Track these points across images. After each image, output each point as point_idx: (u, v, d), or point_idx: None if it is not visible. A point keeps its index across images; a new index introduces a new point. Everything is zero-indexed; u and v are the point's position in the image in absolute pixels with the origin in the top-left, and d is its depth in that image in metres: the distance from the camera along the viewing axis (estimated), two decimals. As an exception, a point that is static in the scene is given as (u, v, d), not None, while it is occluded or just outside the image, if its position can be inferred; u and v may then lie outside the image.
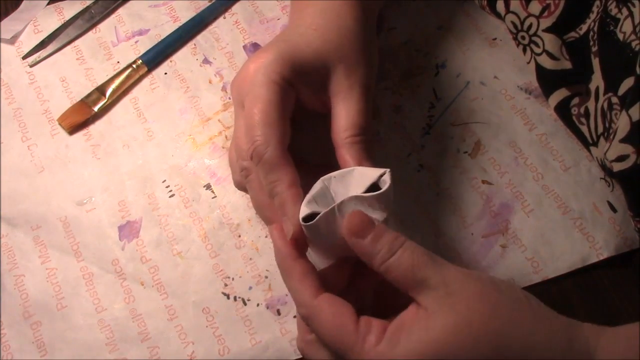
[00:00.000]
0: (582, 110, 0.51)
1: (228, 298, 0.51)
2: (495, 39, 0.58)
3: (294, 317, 0.50)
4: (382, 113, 0.56)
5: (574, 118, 0.52)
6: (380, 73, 0.58)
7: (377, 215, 0.40)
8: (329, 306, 0.39)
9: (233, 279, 0.51)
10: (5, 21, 0.61)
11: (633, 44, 0.43)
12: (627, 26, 0.44)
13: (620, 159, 0.44)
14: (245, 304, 0.50)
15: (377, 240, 0.39)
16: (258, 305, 0.50)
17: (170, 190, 0.54)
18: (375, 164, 0.44)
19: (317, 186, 0.42)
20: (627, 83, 0.44)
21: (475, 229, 0.52)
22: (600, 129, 0.49)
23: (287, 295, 0.50)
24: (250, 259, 0.52)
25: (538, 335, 0.37)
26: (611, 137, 0.46)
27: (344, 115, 0.44)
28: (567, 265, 0.50)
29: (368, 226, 0.39)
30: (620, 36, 0.45)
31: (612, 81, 0.46)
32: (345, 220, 0.40)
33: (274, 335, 0.49)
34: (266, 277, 0.51)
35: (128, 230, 0.53)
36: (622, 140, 0.44)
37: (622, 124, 0.44)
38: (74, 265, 0.52)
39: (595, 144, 0.50)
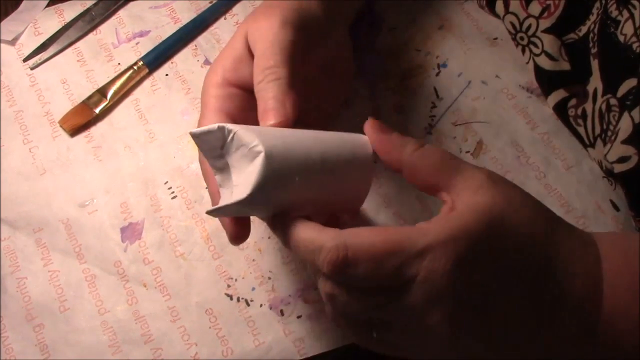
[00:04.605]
0: (579, 111, 0.51)
1: (231, 299, 0.51)
2: (496, 38, 0.58)
3: (298, 317, 0.49)
4: (384, 113, 0.56)
5: (571, 119, 0.52)
6: (381, 73, 0.58)
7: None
8: (363, 230, 0.37)
9: (236, 280, 0.51)
10: (5, 22, 0.61)
11: (634, 46, 0.44)
12: (628, 28, 0.44)
13: (622, 160, 0.44)
14: (248, 304, 0.50)
15: (402, 136, 0.40)
16: (261, 306, 0.50)
17: (173, 192, 0.54)
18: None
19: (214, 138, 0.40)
20: (628, 85, 0.44)
21: (478, 228, 0.52)
22: (598, 131, 0.49)
23: (290, 295, 0.50)
24: (253, 260, 0.52)
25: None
26: (612, 138, 0.46)
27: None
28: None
29: (388, 127, 0.40)
30: (621, 38, 0.45)
31: (612, 83, 0.46)
32: (368, 125, 0.41)
33: (278, 335, 0.49)
34: (269, 278, 0.51)
35: (130, 232, 0.53)
36: (624, 142, 0.44)
37: (625, 126, 0.44)
38: (77, 267, 0.52)
39: (592, 145, 0.50)
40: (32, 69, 0.59)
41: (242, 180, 0.38)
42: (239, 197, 0.37)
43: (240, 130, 0.38)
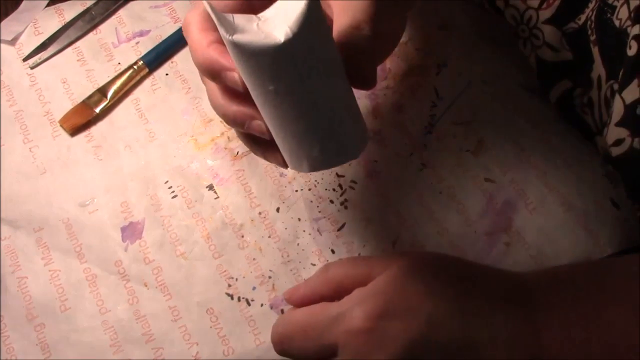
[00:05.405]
0: (585, 100, 0.51)
1: (232, 299, 0.51)
2: (496, 37, 0.58)
3: (299, 316, 0.50)
4: (384, 112, 0.56)
5: (577, 109, 0.52)
6: (381, 73, 0.58)
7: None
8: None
9: (237, 279, 0.51)
10: (5, 22, 0.61)
11: (629, 29, 0.44)
12: (623, 13, 0.44)
13: (617, 143, 0.45)
14: (249, 304, 0.50)
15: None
16: (262, 305, 0.50)
17: (173, 191, 0.54)
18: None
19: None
20: None
21: (479, 227, 0.52)
22: (605, 117, 0.49)
23: (291, 295, 0.50)
24: (254, 259, 0.52)
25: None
26: (608, 122, 0.46)
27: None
28: (571, 262, 0.50)
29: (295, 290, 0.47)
30: (617, 23, 0.45)
31: (612, 69, 0.46)
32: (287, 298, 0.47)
33: (279, 335, 0.49)
34: (270, 277, 0.51)
35: (131, 231, 0.53)
36: (618, 124, 0.44)
37: (617, 108, 0.44)
38: (77, 266, 0.52)
39: (600, 132, 0.50)
40: (32, 68, 0.59)
41: (275, 23, 0.33)
42: (275, 39, 0.32)
43: None
